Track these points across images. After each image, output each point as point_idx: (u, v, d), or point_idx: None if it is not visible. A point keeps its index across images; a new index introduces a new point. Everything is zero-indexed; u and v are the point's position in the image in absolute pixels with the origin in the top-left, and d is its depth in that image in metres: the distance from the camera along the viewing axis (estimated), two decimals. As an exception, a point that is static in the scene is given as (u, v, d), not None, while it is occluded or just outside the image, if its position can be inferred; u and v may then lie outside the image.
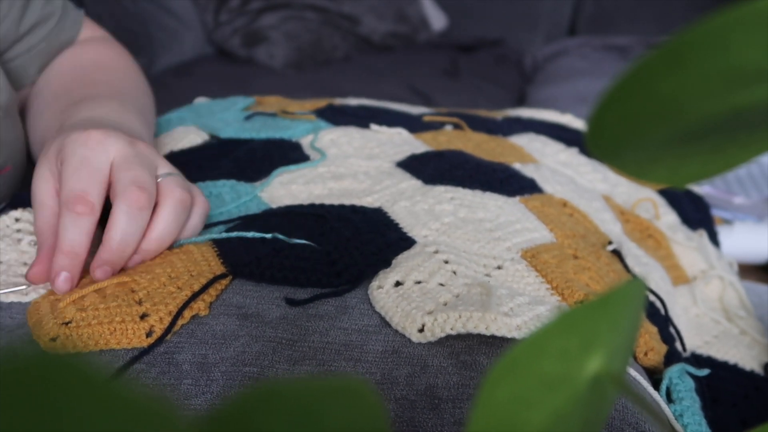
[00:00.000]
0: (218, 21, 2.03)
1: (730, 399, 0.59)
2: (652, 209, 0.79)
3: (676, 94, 0.15)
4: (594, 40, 2.15)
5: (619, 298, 0.17)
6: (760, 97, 0.15)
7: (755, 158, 0.17)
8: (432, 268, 0.50)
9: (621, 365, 0.18)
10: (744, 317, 0.71)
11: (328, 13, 2.08)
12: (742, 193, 1.15)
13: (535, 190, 0.67)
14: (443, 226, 0.56)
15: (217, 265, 0.49)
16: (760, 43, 0.14)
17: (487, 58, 2.14)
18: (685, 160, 0.17)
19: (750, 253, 0.99)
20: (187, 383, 0.41)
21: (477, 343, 0.45)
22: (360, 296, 0.48)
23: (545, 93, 1.86)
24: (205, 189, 0.61)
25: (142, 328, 0.43)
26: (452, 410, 0.40)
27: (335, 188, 0.63)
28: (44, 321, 0.44)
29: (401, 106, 0.95)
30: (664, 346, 0.54)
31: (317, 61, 1.97)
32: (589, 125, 0.16)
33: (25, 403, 0.11)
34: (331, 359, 0.43)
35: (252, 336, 0.44)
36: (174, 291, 0.46)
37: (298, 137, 0.74)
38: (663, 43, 0.15)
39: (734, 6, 0.14)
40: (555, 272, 0.52)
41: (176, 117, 0.82)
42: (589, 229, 0.64)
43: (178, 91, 1.65)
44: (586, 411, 0.17)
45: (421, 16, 2.27)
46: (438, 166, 0.67)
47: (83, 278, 0.49)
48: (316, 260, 0.50)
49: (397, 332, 0.45)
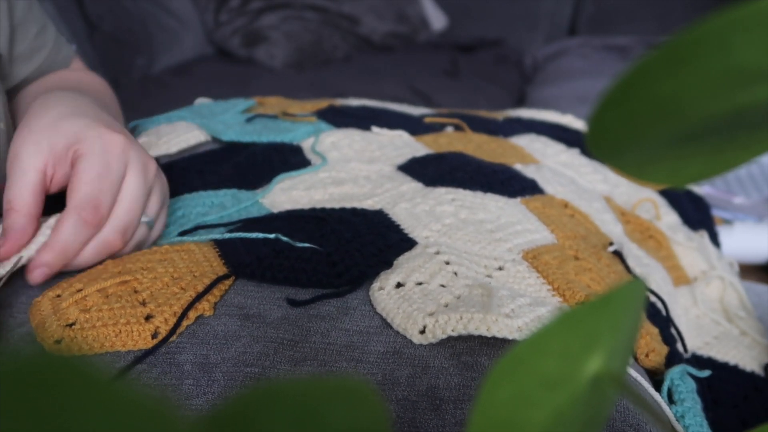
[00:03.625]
0: (218, 21, 2.03)
1: (730, 400, 0.59)
2: (653, 210, 0.79)
3: (676, 94, 0.15)
4: (594, 40, 2.15)
5: (620, 298, 0.17)
6: (760, 97, 0.15)
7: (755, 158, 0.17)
8: (433, 270, 0.50)
9: (621, 365, 0.18)
10: (744, 318, 0.71)
11: (328, 13, 2.08)
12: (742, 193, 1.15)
13: (536, 191, 0.67)
14: (444, 228, 0.56)
15: (219, 265, 0.49)
16: (760, 43, 0.14)
17: (487, 58, 2.14)
18: (686, 160, 0.17)
19: (750, 253, 0.99)
20: (189, 384, 0.41)
21: (478, 344, 0.45)
22: (361, 297, 0.48)
23: (545, 93, 1.86)
24: (207, 198, 0.61)
25: (147, 329, 0.43)
26: (453, 411, 0.40)
27: (336, 193, 0.63)
28: (47, 322, 0.44)
29: (402, 107, 0.95)
30: (665, 348, 0.54)
31: (317, 61, 1.97)
32: (590, 126, 0.16)
33: (27, 404, 0.11)
34: (332, 360, 0.43)
35: (253, 336, 0.44)
36: (178, 292, 0.46)
37: (299, 140, 0.74)
38: (663, 43, 0.15)
39: (734, 6, 0.14)
40: (556, 273, 0.52)
41: (176, 117, 0.81)
42: (590, 230, 0.64)
43: (178, 91, 1.65)
44: (587, 411, 0.17)
45: (421, 16, 2.27)
46: (439, 168, 0.67)
47: (82, 275, 0.48)
48: (317, 261, 0.50)
49: (399, 333, 0.45)
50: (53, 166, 0.49)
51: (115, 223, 0.49)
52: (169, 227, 0.58)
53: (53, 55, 0.72)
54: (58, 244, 0.47)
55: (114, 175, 0.49)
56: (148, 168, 0.51)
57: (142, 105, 1.48)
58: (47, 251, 0.47)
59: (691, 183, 0.18)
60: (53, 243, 0.47)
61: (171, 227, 0.58)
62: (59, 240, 0.47)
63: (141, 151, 0.51)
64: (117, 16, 1.73)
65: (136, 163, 0.50)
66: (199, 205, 0.60)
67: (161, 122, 0.78)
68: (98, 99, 0.64)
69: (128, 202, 0.49)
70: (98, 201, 0.47)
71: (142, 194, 0.50)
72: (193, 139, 0.73)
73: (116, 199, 0.49)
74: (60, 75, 0.72)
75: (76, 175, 0.48)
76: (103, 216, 0.48)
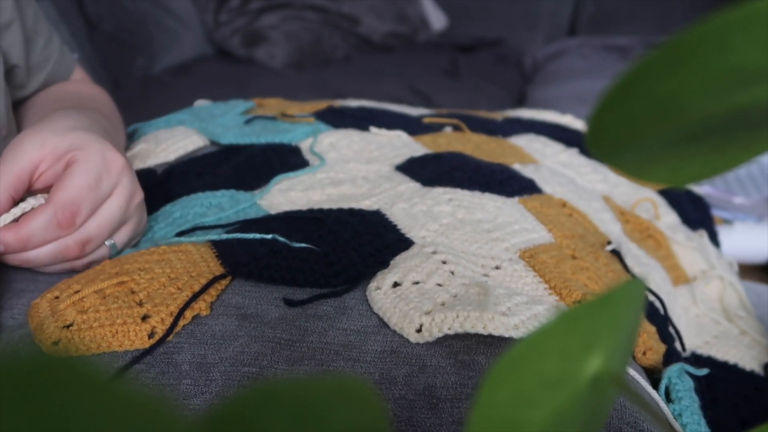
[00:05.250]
0: (218, 21, 2.02)
1: (730, 399, 0.59)
2: (652, 209, 0.79)
3: (676, 94, 0.15)
4: (594, 40, 2.15)
5: (620, 298, 0.17)
6: (760, 97, 0.15)
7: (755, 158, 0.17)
8: (430, 269, 0.50)
9: (621, 365, 0.18)
10: (744, 317, 0.71)
11: (328, 13, 2.08)
12: (742, 193, 1.15)
13: (535, 191, 0.67)
14: (441, 227, 0.56)
15: (216, 265, 0.49)
16: (760, 43, 0.14)
17: (487, 58, 2.14)
18: (686, 160, 0.17)
19: (750, 253, 0.99)
20: (187, 383, 0.41)
21: (475, 342, 0.45)
22: (358, 297, 0.48)
23: (545, 93, 1.86)
24: (205, 199, 0.61)
25: (143, 329, 0.43)
26: (451, 410, 0.40)
27: (334, 194, 0.63)
28: (45, 324, 0.44)
29: (401, 108, 0.95)
30: (662, 346, 0.54)
31: (317, 61, 1.97)
32: (590, 125, 0.16)
33: (26, 404, 0.11)
34: (329, 359, 0.43)
35: (251, 336, 0.44)
36: (174, 292, 0.46)
37: (298, 141, 0.74)
38: (663, 43, 0.15)
39: (734, 6, 0.14)
40: (553, 272, 0.52)
41: (175, 120, 0.81)
42: (589, 229, 0.64)
43: (178, 91, 1.65)
44: (586, 410, 0.17)
45: (421, 16, 2.27)
46: (437, 168, 0.67)
47: (80, 276, 0.48)
48: (315, 261, 0.50)
49: (396, 332, 0.45)
50: (48, 164, 0.49)
51: (80, 233, 0.49)
52: (167, 228, 0.58)
53: (57, 66, 0.73)
54: (23, 231, 0.47)
55: (101, 191, 0.49)
56: (134, 197, 0.52)
57: (142, 105, 1.48)
58: (10, 232, 0.47)
59: (691, 183, 0.18)
60: (19, 228, 0.47)
61: (169, 228, 0.58)
62: (27, 228, 0.47)
63: (133, 180, 0.52)
64: (117, 16, 1.73)
65: (125, 188, 0.51)
66: (197, 206, 0.60)
67: (160, 126, 0.78)
68: (101, 114, 0.65)
69: (102, 219, 0.50)
70: (78, 209, 0.48)
71: (118, 219, 0.51)
72: (192, 144, 0.73)
73: (94, 213, 0.50)
74: (61, 87, 0.73)
75: (67, 176, 0.48)
76: (76, 224, 0.48)
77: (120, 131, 0.71)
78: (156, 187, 0.64)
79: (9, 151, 0.49)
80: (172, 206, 0.61)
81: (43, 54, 0.70)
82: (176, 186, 0.65)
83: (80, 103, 0.66)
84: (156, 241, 0.56)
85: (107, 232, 0.51)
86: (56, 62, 0.73)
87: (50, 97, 0.69)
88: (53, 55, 0.72)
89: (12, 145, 0.50)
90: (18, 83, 0.68)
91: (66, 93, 0.71)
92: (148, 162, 0.70)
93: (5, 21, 0.62)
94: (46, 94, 0.71)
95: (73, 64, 0.77)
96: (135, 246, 0.57)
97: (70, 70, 0.76)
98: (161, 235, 0.58)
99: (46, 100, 0.69)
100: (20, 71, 0.67)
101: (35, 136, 0.50)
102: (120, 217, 0.51)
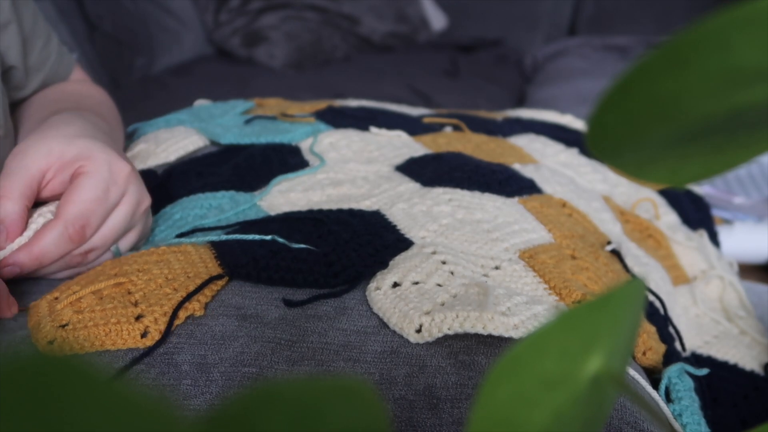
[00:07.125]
0: (218, 21, 2.02)
1: (730, 399, 0.59)
2: (652, 209, 0.79)
3: (676, 94, 0.15)
4: (594, 40, 2.15)
5: (620, 298, 0.17)
6: (760, 97, 0.15)
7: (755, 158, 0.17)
8: (429, 269, 0.50)
9: (621, 365, 0.18)
10: (744, 317, 0.71)
11: (328, 13, 2.08)
12: (742, 193, 1.16)
13: (534, 191, 0.67)
14: (441, 228, 0.56)
15: (215, 266, 0.49)
16: (760, 43, 0.14)
17: (487, 58, 2.14)
18: (686, 160, 0.17)
19: (750, 253, 0.99)
20: (187, 384, 0.41)
21: (475, 342, 0.45)
22: (358, 297, 0.48)
23: (545, 93, 1.86)
24: (205, 201, 0.61)
25: (136, 329, 0.43)
26: (451, 410, 0.40)
27: (333, 194, 0.63)
28: (42, 324, 0.44)
29: (401, 108, 0.95)
30: (662, 346, 0.54)
31: (317, 61, 1.97)
32: (589, 125, 0.16)
33: (26, 404, 0.11)
34: (329, 360, 0.43)
35: (251, 337, 0.44)
36: (170, 292, 0.46)
37: (298, 141, 0.74)
38: (663, 43, 0.15)
39: (734, 6, 0.14)
40: (553, 272, 0.52)
41: (175, 120, 0.81)
42: (588, 229, 0.64)
43: (178, 91, 1.65)
44: (587, 410, 0.17)
45: (421, 16, 2.27)
46: (437, 168, 0.67)
47: (80, 277, 0.49)
48: (314, 261, 0.50)
49: (395, 333, 0.45)
50: (54, 172, 0.49)
51: (86, 244, 0.50)
52: (168, 230, 0.58)
53: (56, 66, 0.73)
54: (36, 250, 0.47)
55: (109, 203, 0.50)
56: (141, 204, 0.53)
57: (142, 105, 1.48)
58: (24, 252, 0.47)
59: (691, 183, 0.18)
60: (32, 247, 0.47)
61: (169, 230, 0.58)
62: (39, 246, 0.47)
63: (140, 186, 0.53)
64: (117, 16, 1.73)
65: (132, 196, 0.51)
66: (197, 207, 0.60)
67: (160, 126, 0.78)
68: (99, 115, 0.65)
69: (108, 230, 0.50)
70: (87, 222, 0.48)
71: (124, 227, 0.52)
72: (192, 145, 0.73)
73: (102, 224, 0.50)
74: (60, 88, 0.73)
75: (75, 190, 0.48)
76: (86, 237, 0.49)
77: (119, 131, 0.71)
78: (157, 188, 0.64)
79: (15, 159, 0.49)
80: (172, 208, 0.61)
81: (42, 55, 0.70)
82: (177, 186, 0.65)
83: (78, 104, 0.66)
84: (156, 243, 0.57)
85: (112, 240, 0.51)
86: (55, 63, 0.73)
87: (48, 98, 0.69)
88: (52, 56, 0.72)
89: (17, 153, 0.50)
90: (16, 84, 0.68)
91: (64, 94, 0.71)
92: (149, 163, 0.70)
93: (2, 22, 0.62)
94: (44, 94, 0.71)
95: (72, 65, 0.77)
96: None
97: (69, 71, 0.76)
98: (162, 237, 0.58)
99: (44, 101, 0.69)
100: (18, 72, 0.67)
101: (41, 144, 0.50)
102: (125, 225, 0.52)
